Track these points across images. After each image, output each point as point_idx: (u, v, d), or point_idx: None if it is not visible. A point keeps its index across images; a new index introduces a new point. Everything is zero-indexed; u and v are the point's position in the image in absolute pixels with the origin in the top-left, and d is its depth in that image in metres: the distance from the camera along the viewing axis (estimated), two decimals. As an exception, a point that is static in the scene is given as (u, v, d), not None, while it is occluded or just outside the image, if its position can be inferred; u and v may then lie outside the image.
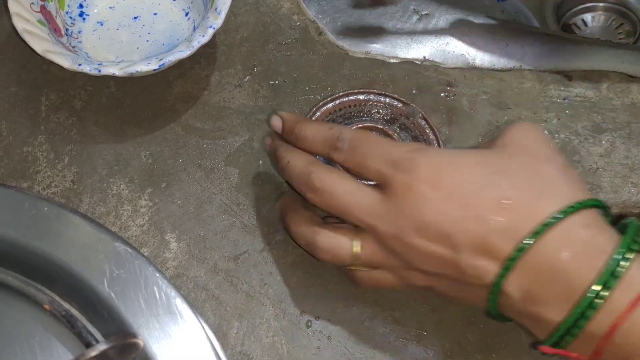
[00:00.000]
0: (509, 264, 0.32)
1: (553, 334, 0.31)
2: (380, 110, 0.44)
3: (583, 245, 0.31)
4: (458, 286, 0.34)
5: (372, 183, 0.36)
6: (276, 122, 0.41)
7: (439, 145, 0.42)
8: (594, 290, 0.30)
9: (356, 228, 0.36)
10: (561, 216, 0.31)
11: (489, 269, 0.32)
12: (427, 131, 0.43)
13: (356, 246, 0.36)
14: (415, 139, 0.43)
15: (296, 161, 0.38)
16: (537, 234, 0.31)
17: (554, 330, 0.31)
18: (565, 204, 0.32)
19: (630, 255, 0.30)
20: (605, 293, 0.30)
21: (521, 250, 0.31)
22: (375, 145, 0.36)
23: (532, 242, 0.31)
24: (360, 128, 0.42)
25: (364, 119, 0.43)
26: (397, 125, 0.43)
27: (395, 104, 0.44)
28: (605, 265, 0.30)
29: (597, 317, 0.30)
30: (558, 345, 0.31)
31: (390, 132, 0.42)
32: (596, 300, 0.30)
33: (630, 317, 0.29)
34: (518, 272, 0.32)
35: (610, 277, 0.30)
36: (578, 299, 0.30)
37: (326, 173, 0.36)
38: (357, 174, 0.37)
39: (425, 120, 0.43)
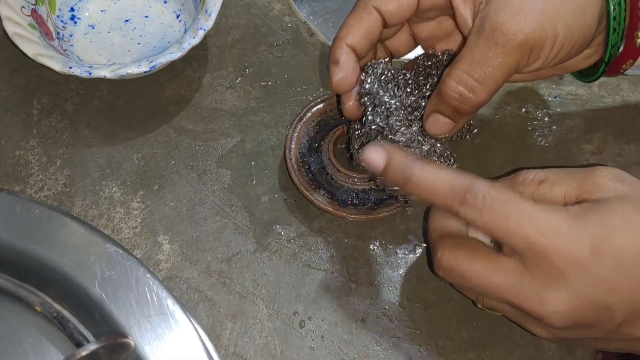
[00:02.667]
0: None
1: None
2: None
3: None
4: (606, 343, 0.33)
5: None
6: (375, 156, 0.32)
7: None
8: None
9: None
10: None
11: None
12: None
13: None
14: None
15: (431, 223, 0.36)
16: None
17: None
18: None
19: None
20: None
21: None
22: (519, 205, 0.30)
23: None
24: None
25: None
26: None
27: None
28: None
29: None
30: None
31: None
32: None
33: None
34: None
35: None
36: None
37: (455, 254, 0.33)
38: (489, 236, 0.34)
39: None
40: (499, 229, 0.31)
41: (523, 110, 0.47)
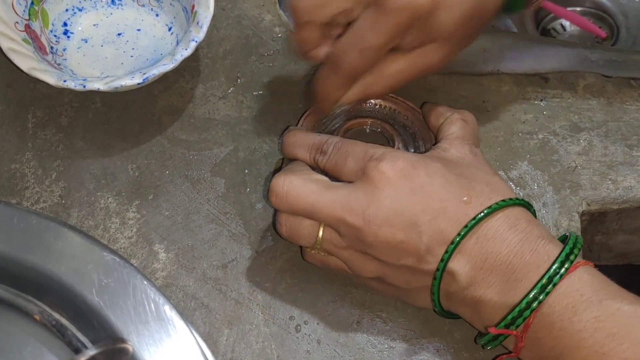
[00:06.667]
0: (455, 240, 0.35)
1: (505, 318, 0.34)
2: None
3: (525, 234, 0.35)
4: (410, 276, 0.37)
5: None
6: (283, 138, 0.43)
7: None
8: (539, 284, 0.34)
9: None
10: (503, 204, 0.36)
11: (441, 252, 0.35)
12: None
13: (320, 233, 0.37)
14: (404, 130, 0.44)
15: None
16: (480, 217, 0.35)
17: (504, 314, 0.34)
18: (509, 197, 0.37)
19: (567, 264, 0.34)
20: (549, 289, 0.34)
21: (467, 228, 0.35)
22: (358, 145, 0.38)
23: (475, 222, 0.35)
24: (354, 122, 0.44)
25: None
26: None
27: (377, 107, 0.45)
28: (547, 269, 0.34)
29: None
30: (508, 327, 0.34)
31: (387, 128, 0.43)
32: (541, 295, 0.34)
33: (555, 289, 0.34)
34: (463, 253, 0.35)
35: (548, 282, 0.34)
36: (526, 288, 0.34)
37: (292, 177, 0.38)
38: (336, 176, 0.38)
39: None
40: (342, 165, 0.38)
41: (509, 113, 0.48)
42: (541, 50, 0.51)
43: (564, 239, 0.37)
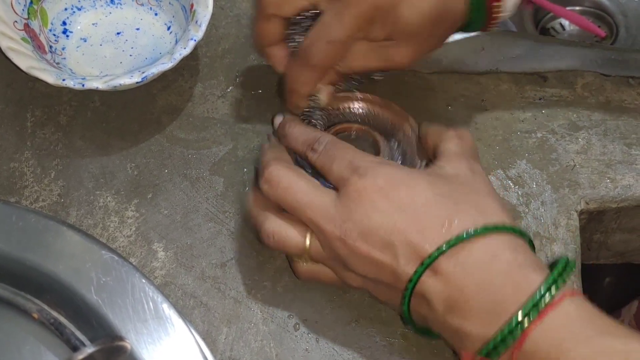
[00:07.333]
0: (426, 261, 0.34)
1: (481, 350, 0.32)
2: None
3: (508, 265, 0.33)
4: (390, 292, 0.36)
5: (332, 187, 0.38)
6: (276, 120, 0.43)
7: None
8: (517, 317, 0.32)
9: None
10: (486, 230, 0.34)
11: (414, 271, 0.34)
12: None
13: (308, 241, 0.37)
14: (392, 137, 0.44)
15: (266, 155, 0.40)
16: (453, 243, 0.33)
17: (481, 346, 0.33)
18: (494, 223, 0.34)
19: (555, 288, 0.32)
20: (530, 319, 0.31)
21: (439, 251, 0.33)
22: (345, 151, 0.38)
23: (448, 246, 0.33)
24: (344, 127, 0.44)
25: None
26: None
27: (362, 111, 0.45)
28: (531, 295, 0.32)
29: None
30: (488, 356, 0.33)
31: (374, 133, 0.43)
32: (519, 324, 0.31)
33: (538, 325, 0.31)
34: (440, 279, 0.34)
35: (533, 308, 0.31)
36: (504, 321, 0.32)
37: (287, 170, 0.38)
38: (323, 175, 0.38)
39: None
40: (328, 168, 0.38)
41: (508, 112, 0.48)
42: (540, 49, 0.51)
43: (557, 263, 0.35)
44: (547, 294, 0.32)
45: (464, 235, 0.34)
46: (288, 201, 0.37)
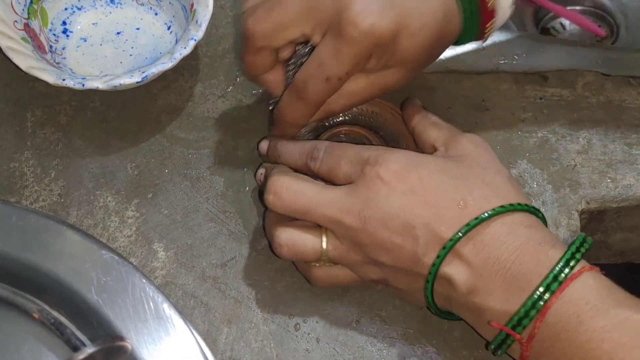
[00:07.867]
0: (448, 244, 0.34)
1: (506, 325, 0.34)
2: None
3: (527, 241, 0.34)
4: (411, 279, 0.36)
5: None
6: (262, 145, 0.43)
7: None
8: (541, 288, 0.33)
9: (319, 226, 0.37)
10: (502, 210, 0.35)
11: (436, 257, 0.35)
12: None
13: (324, 242, 0.37)
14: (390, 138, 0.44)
15: (267, 170, 0.40)
16: (473, 224, 0.34)
17: (505, 322, 0.34)
18: (509, 202, 0.35)
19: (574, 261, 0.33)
20: (551, 292, 0.33)
21: (460, 234, 0.34)
22: (348, 149, 0.38)
23: (468, 229, 0.34)
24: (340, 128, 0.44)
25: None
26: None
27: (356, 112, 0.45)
28: (550, 267, 0.33)
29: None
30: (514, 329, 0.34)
31: (368, 134, 0.43)
32: (543, 298, 0.33)
33: (559, 297, 0.33)
34: (461, 259, 0.35)
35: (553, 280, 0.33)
36: (527, 295, 0.33)
37: (291, 176, 0.38)
38: (330, 180, 0.38)
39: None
40: (335, 169, 0.38)
41: (509, 112, 0.48)
42: (540, 49, 0.51)
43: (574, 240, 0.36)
44: (567, 268, 0.33)
45: (484, 216, 0.35)
46: (299, 205, 0.37)
